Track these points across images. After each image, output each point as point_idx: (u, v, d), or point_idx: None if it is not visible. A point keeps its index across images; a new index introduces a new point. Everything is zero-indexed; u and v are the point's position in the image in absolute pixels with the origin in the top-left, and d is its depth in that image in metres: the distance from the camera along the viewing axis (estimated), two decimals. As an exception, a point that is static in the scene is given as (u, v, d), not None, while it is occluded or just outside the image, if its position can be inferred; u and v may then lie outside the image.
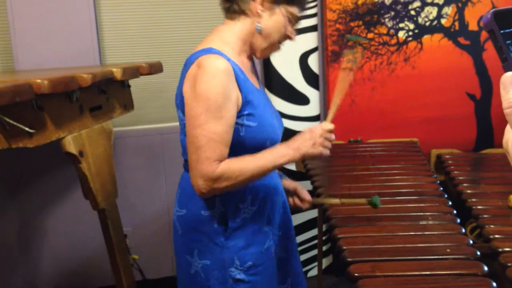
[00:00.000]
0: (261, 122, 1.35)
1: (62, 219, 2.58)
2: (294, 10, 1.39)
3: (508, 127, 0.50)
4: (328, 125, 1.37)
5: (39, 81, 1.44)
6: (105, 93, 1.93)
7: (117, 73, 1.86)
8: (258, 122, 1.34)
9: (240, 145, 1.33)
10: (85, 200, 1.92)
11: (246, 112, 1.33)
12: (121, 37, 2.58)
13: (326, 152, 1.35)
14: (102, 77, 1.79)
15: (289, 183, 1.63)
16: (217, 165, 1.28)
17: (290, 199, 1.64)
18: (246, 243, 1.41)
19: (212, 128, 1.26)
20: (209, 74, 1.25)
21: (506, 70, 0.50)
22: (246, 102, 1.33)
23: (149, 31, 2.61)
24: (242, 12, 1.37)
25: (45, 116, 1.56)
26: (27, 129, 1.47)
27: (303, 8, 1.42)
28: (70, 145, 1.70)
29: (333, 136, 1.37)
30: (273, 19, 1.37)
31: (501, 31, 0.50)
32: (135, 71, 2.01)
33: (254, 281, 1.42)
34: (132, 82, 2.16)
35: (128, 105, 2.14)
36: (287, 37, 1.42)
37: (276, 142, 1.43)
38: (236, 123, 1.32)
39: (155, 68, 2.13)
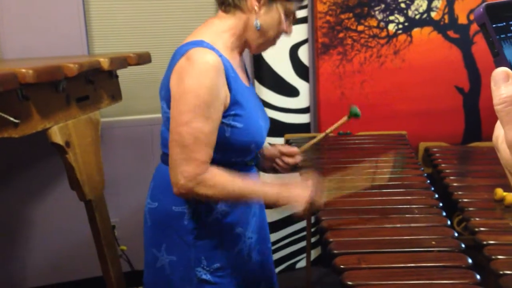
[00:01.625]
0: (248, 124, 1.32)
1: (48, 210, 2.57)
2: (291, 6, 1.35)
3: (498, 123, 0.50)
4: (322, 201, 1.39)
5: (24, 70, 1.43)
6: (93, 83, 1.91)
7: (105, 63, 1.85)
8: (245, 123, 1.31)
9: (224, 146, 1.29)
10: (72, 191, 1.91)
11: (233, 112, 1.29)
12: (109, 26, 2.56)
13: (304, 215, 1.36)
14: (89, 67, 1.77)
15: (270, 149, 1.56)
16: (205, 168, 1.24)
17: (280, 162, 1.57)
18: (216, 243, 1.38)
19: (199, 127, 1.22)
20: (199, 70, 1.21)
21: (498, 65, 0.50)
22: (234, 102, 1.29)
23: (138, 21, 2.59)
24: (237, 7, 1.32)
25: (30, 106, 1.55)
26: (12, 119, 1.45)
27: (300, 4, 1.38)
28: (56, 135, 1.69)
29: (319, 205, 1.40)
30: (269, 16, 1.33)
31: (493, 25, 0.49)
32: (123, 61, 1.99)
33: (220, 283, 1.39)
34: (120, 72, 2.15)
35: (116, 96, 2.13)
36: (283, 32, 1.39)
37: (261, 144, 1.40)
38: (222, 123, 1.28)
39: (143, 59, 2.12)
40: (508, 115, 0.47)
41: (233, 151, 1.34)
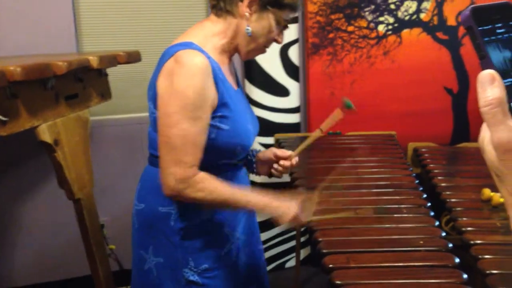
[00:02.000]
0: (234, 126, 1.31)
1: (37, 209, 2.55)
2: (283, 14, 1.34)
3: (484, 125, 0.50)
4: (309, 219, 1.40)
5: (12, 68, 1.42)
6: (82, 82, 1.90)
7: (94, 61, 1.84)
8: (231, 126, 1.30)
9: (210, 148, 1.28)
10: (61, 190, 1.90)
11: (219, 114, 1.28)
12: (99, 24, 2.55)
13: (291, 225, 1.35)
14: (78, 65, 1.76)
15: (265, 153, 1.54)
16: (195, 170, 1.25)
17: (276, 166, 1.53)
18: (203, 244, 1.37)
19: (187, 129, 1.21)
20: (188, 72, 1.21)
21: (484, 67, 0.50)
22: (221, 104, 1.28)
23: (128, 19, 2.58)
24: (229, 12, 1.32)
25: (18, 104, 1.54)
26: (0, 117, 1.44)
27: (292, 13, 1.37)
28: (45, 133, 1.68)
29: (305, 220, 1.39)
30: (260, 23, 1.32)
31: (479, 28, 0.50)
32: (113, 60, 1.98)
33: (208, 284, 1.38)
34: (110, 70, 2.14)
35: (105, 94, 2.12)
36: (274, 40, 1.38)
37: (247, 147, 1.39)
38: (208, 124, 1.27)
39: (133, 57, 2.11)
40: (494, 117, 0.48)
41: (219, 153, 1.33)
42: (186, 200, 1.29)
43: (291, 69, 2.73)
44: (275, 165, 1.53)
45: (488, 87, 0.48)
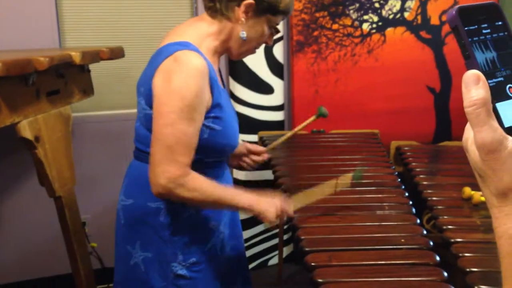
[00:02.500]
0: (226, 127, 1.34)
1: (17, 206, 2.52)
2: (276, 19, 1.39)
3: (468, 125, 0.50)
4: (292, 210, 1.48)
5: (-8, 63, 1.40)
6: (64, 77, 1.88)
7: (76, 57, 1.82)
8: (223, 126, 1.33)
9: (202, 147, 1.30)
10: (41, 187, 1.88)
11: (213, 115, 1.31)
12: (82, 20, 2.51)
13: (273, 222, 1.41)
14: (60, 61, 1.74)
15: (238, 147, 1.58)
16: (187, 171, 1.26)
17: (247, 160, 1.64)
18: (191, 238, 1.40)
19: (183, 129, 1.23)
20: (187, 73, 1.23)
21: (469, 67, 0.50)
22: (215, 105, 1.31)
23: (112, 15, 2.55)
24: (224, 16, 1.34)
25: (-2, 100, 1.52)
26: (-21, 113, 1.42)
27: (285, 17, 1.43)
28: (26, 130, 1.66)
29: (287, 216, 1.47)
30: (255, 28, 1.36)
31: (465, 28, 0.50)
32: (95, 56, 1.96)
33: (195, 277, 1.40)
34: (92, 66, 2.12)
35: (87, 90, 2.10)
36: (264, 42, 1.44)
37: (235, 147, 1.43)
38: (202, 125, 1.29)
39: (116, 53, 2.09)
40: (478, 117, 0.48)
41: (209, 152, 1.35)
42: (176, 199, 1.30)
43: (275, 67, 2.73)
44: (246, 159, 1.63)
45: (472, 87, 0.49)
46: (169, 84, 1.23)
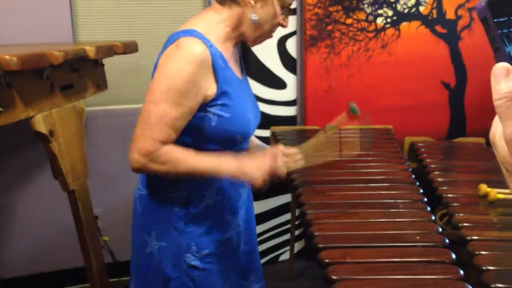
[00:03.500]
0: (235, 115, 1.33)
1: (31, 200, 2.53)
2: None
3: (496, 119, 0.49)
4: (289, 169, 1.39)
5: (8, 57, 1.40)
6: (78, 72, 1.88)
7: (91, 52, 1.81)
8: (232, 114, 1.32)
9: (210, 135, 1.31)
10: (55, 181, 1.89)
11: (220, 102, 1.30)
12: (96, 14, 2.52)
13: (265, 185, 1.34)
14: (75, 55, 1.74)
15: (271, 149, 1.49)
16: (159, 145, 1.26)
17: None
18: (206, 230, 1.40)
19: (166, 110, 1.24)
20: (182, 57, 1.24)
21: (498, 60, 0.49)
22: (221, 93, 1.30)
23: (125, 9, 2.55)
24: (233, 1, 1.33)
25: (13, 94, 1.52)
26: (-6, 106, 1.42)
27: None
28: (40, 124, 1.66)
29: (295, 157, 1.38)
30: (265, 10, 1.34)
31: (495, 20, 0.49)
32: (109, 50, 1.96)
33: (209, 269, 1.41)
34: (106, 61, 2.12)
35: (101, 85, 2.10)
36: (279, 25, 1.41)
37: (247, 136, 1.42)
38: (208, 112, 1.29)
39: (130, 48, 2.09)
40: (508, 110, 0.46)
41: (219, 141, 1.34)
42: (151, 173, 1.33)
43: (288, 62, 2.72)
44: None
45: (502, 80, 0.47)
46: (165, 67, 1.26)
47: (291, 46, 2.70)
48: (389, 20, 2.77)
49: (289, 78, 2.74)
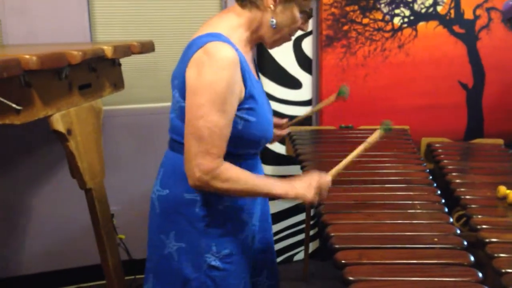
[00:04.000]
0: (260, 118, 1.33)
1: (48, 198, 2.56)
2: (307, 3, 1.37)
3: None
4: (328, 178, 1.45)
5: (27, 56, 1.41)
6: (95, 71, 1.90)
7: (108, 51, 1.83)
8: (257, 117, 1.32)
9: (236, 139, 1.30)
10: (72, 179, 1.91)
11: (247, 106, 1.30)
12: (113, 14, 2.54)
13: (315, 201, 1.42)
14: (93, 55, 1.75)
15: None
16: (220, 162, 1.26)
17: None
18: (225, 230, 1.41)
19: (214, 121, 1.22)
20: (217, 65, 1.21)
21: None
22: (249, 96, 1.30)
23: (142, 9, 2.57)
24: (253, 4, 1.33)
25: (33, 93, 1.54)
26: (14, 105, 1.44)
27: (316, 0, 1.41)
28: (58, 123, 1.68)
29: (327, 189, 1.45)
30: (285, 14, 1.34)
31: None
32: (127, 50, 1.98)
33: (229, 269, 1.41)
34: (123, 60, 2.13)
35: (118, 84, 2.11)
36: (299, 29, 1.41)
37: (270, 138, 1.42)
38: (236, 116, 1.29)
39: (146, 47, 2.10)
40: None
41: (244, 144, 1.35)
42: (212, 191, 1.31)
43: (304, 62, 2.71)
44: None
45: None
46: (200, 76, 1.23)
47: (307, 46, 2.69)
48: (406, 20, 2.75)
49: (304, 78, 2.73)
